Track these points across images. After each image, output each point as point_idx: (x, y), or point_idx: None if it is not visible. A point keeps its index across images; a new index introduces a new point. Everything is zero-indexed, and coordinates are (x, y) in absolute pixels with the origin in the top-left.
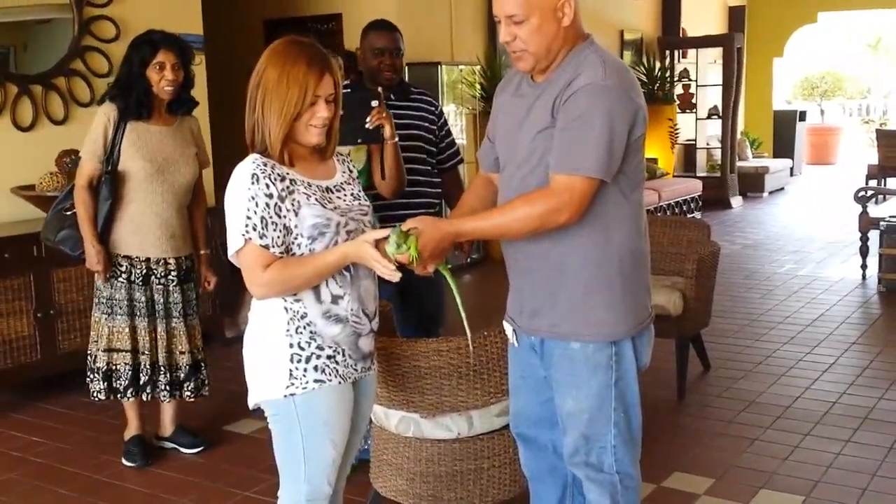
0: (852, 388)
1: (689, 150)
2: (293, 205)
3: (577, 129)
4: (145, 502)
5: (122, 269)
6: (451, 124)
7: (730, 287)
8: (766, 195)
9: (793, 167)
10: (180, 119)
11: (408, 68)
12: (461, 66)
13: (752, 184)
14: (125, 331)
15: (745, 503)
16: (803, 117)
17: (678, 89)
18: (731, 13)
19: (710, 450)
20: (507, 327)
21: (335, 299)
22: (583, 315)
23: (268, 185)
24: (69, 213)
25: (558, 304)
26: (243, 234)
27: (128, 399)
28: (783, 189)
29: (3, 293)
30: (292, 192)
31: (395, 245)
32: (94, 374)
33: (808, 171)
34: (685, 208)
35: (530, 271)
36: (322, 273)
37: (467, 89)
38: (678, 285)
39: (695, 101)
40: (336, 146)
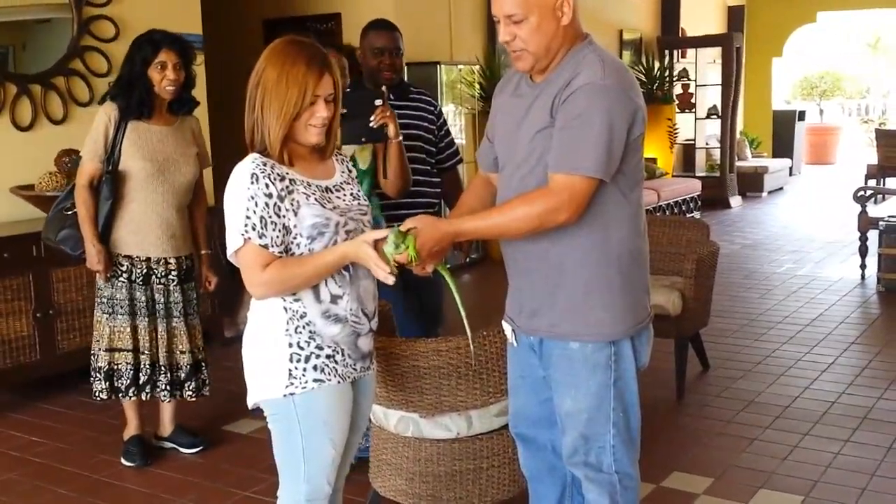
0: (851, 388)
1: (688, 150)
2: (292, 204)
3: (576, 128)
4: (145, 502)
5: (123, 268)
6: (450, 124)
7: (729, 287)
8: (765, 195)
9: (792, 167)
10: (181, 119)
11: (407, 68)
12: (460, 65)
13: (752, 184)
14: (126, 330)
15: (744, 503)
16: (802, 117)
17: (677, 89)
18: (731, 13)
19: (709, 449)
20: (506, 327)
21: (334, 299)
22: (582, 315)
23: (267, 185)
24: (70, 212)
25: (557, 304)
26: (242, 234)
27: (129, 398)
28: (782, 189)
29: (3, 293)
30: (292, 191)
31: (394, 245)
32: (97, 374)
33: (808, 171)
34: (684, 208)
35: (529, 271)
36: (321, 273)
37: (466, 89)
38: (677, 285)
39: (694, 100)
40: (335, 146)
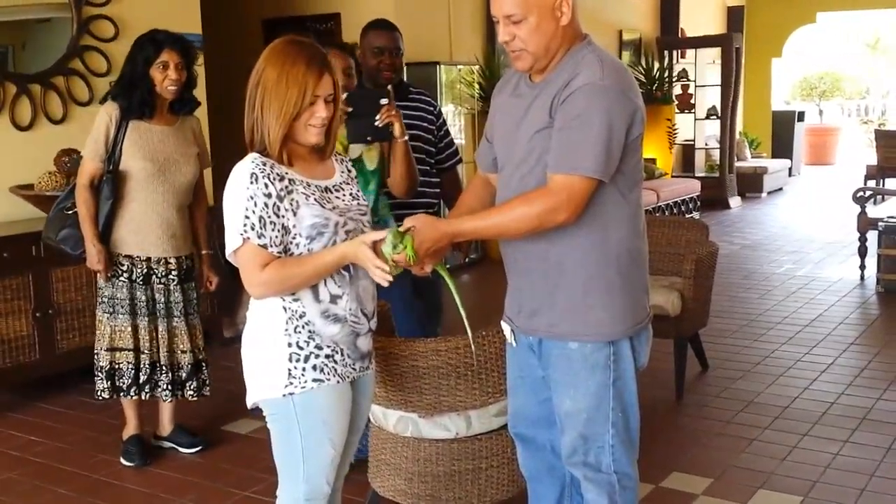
0: (850, 389)
1: (687, 151)
2: (292, 204)
3: (575, 128)
4: (144, 502)
5: (123, 268)
6: (449, 124)
7: (728, 287)
8: (764, 195)
9: (791, 167)
10: (182, 119)
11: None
12: (459, 65)
13: (751, 184)
14: (127, 330)
15: (743, 503)
16: (802, 117)
17: (677, 89)
18: (730, 13)
19: (708, 450)
20: (506, 327)
21: (334, 299)
22: (581, 315)
23: (266, 185)
24: (70, 211)
25: (556, 304)
26: (241, 234)
27: (130, 397)
28: (782, 189)
29: (2, 293)
30: (291, 191)
31: (392, 245)
32: (99, 373)
33: (807, 172)
34: (683, 208)
35: (529, 271)
36: (320, 273)
37: (466, 89)
38: (676, 285)
39: (693, 101)
40: (335, 146)
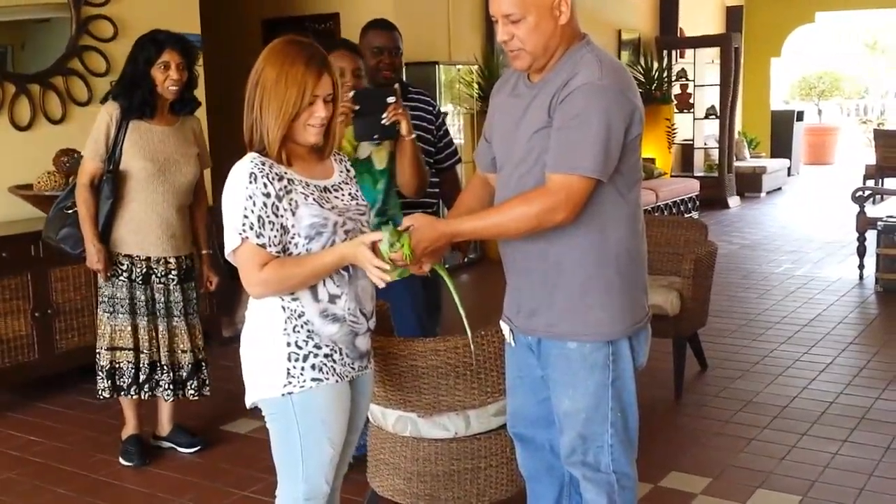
0: (849, 388)
1: (686, 150)
2: (290, 204)
3: (573, 128)
4: (144, 502)
5: (123, 268)
6: (448, 124)
7: (727, 287)
8: (763, 195)
9: (790, 167)
10: (182, 119)
11: (405, 68)
12: (458, 65)
13: (750, 184)
14: (127, 329)
15: (742, 503)
16: (801, 117)
17: (676, 89)
18: (729, 13)
19: (707, 449)
20: (504, 327)
21: (332, 298)
22: (580, 315)
23: (265, 185)
24: (70, 211)
25: (555, 304)
26: (240, 233)
27: (130, 397)
28: (780, 189)
29: (1, 293)
30: (290, 191)
31: (389, 244)
32: (100, 373)
33: (806, 171)
34: (682, 208)
35: (528, 271)
36: (319, 273)
37: (465, 89)
38: (675, 285)
39: (692, 100)
40: (334, 146)
